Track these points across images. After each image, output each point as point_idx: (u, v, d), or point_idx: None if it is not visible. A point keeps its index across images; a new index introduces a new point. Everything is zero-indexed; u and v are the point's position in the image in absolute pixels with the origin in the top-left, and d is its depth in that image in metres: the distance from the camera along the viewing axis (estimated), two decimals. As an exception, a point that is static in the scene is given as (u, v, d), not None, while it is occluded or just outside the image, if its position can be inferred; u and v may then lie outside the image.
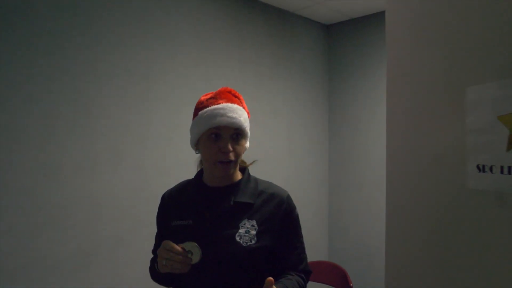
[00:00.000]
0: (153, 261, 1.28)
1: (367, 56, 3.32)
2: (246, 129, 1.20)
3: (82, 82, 2.10)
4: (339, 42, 3.54)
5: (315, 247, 3.46)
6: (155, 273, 1.27)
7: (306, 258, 1.31)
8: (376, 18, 3.22)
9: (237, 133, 1.18)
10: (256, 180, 1.28)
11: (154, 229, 1.37)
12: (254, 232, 1.16)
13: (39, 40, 1.94)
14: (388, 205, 1.17)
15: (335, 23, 3.52)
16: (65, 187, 2.04)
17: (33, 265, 1.91)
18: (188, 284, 1.20)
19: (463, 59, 0.90)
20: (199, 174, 1.32)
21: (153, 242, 1.38)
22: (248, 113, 1.26)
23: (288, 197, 1.27)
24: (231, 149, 1.16)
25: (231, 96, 1.23)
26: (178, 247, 1.08)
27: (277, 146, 3.10)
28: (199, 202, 1.23)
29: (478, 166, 0.84)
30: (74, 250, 2.06)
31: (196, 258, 1.10)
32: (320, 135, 3.55)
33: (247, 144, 1.26)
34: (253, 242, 1.15)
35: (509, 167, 0.77)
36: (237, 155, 1.19)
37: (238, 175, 1.27)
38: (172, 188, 1.37)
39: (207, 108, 1.19)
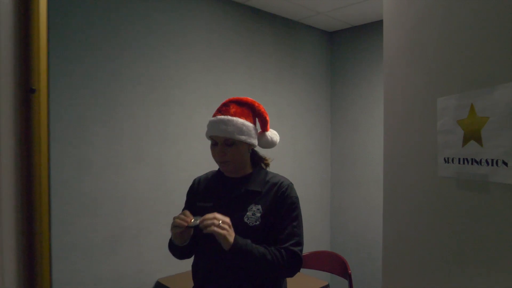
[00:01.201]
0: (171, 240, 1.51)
1: (367, 62, 3.51)
2: (235, 137, 1.40)
3: (110, 88, 2.34)
4: (341, 48, 3.71)
5: (318, 239, 3.66)
6: (171, 243, 1.50)
7: (297, 241, 1.41)
8: (375, 26, 3.40)
9: (227, 141, 1.42)
10: (266, 172, 1.53)
11: (171, 218, 1.57)
12: (259, 215, 1.40)
13: (72, 52, 2.19)
14: (385, 199, 1.42)
15: (337, 31, 3.72)
16: (95, 181, 2.28)
17: (69, 249, 2.16)
18: (203, 252, 1.46)
19: (437, 75, 1.14)
20: None
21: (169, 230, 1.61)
22: (251, 118, 1.48)
23: (289, 186, 1.48)
24: (222, 154, 1.42)
25: (235, 106, 1.47)
26: (188, 212, 1.34)
27: (282, 146, 3.30)
28: (219, 189, 1.48)
29: (444, 159, 1.09)
30: (104, 236, 2.30)
31: (195, 222, 1.32)
32: (323, 136, 3.74)
33: (272, 137, 1.52)
34: (257, 222, 1.39)
35: (465, 159, 1.01)
36: (232, 157, 1.42)
37: (251, 168, 1.52)
38: (201, 175, 1.62)
39: (210, 119, 1.47)
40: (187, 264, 2.59)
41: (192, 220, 1.32)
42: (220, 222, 1.28)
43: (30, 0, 0.47)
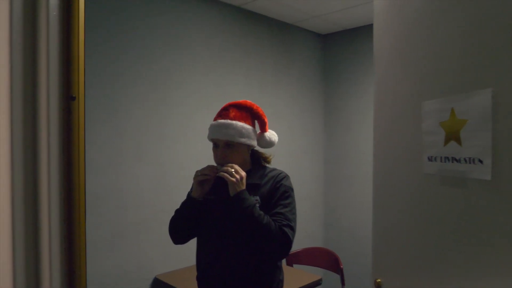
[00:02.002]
0: (178, 210, 1.61)
1: (359, 64, 3.60)
2: (236, 139, 1.50)
3: (110, 88, 2.40)
4: (334, 51, 3.80)
5: (312, 235, 3.75)
6: (175, 220, 1.59)
7: (288, 224, 1.46)
8: (367, 30, 3.47)
9: (228, 144, 1.52)
10: (264, 167, 1.63)
11: (171, 215, 1.65)
12: (257, 205, 1.49)
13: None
14: (374, 194, 1.52)
15: (330, 33, 3.82)
16: (98, 178, 2.35)
17: (72, 244, 2.23)
18: (206, 241, 1.55)
19: (422, 81, 1.24)
20: None
21: None
22: (250, 121, 1.58)
23: (285, 177, 1.58)
24: (223, 156, 1.52)
25: (234, 110, 1.56)
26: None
27: (278, 145, 3.36)
28: (221, 183, 1.58)
29: (428, 157, 1.19)
30: (105, 233, 2.37)
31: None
32: (317, 136, 3.83)
33: (270, 138, 1.64)
34: None
35: (446, 157, 1.11)
36: (232, 159, 1.51)
37: (250, 165, 1.62)
38: None
39: (211, 123, 1.57)
40: (184, 261, 2.69)
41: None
42: (233, 171, 1.42)
43: (71, 21, 0.55)
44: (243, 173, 1.45)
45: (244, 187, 1.44)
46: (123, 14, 2.45)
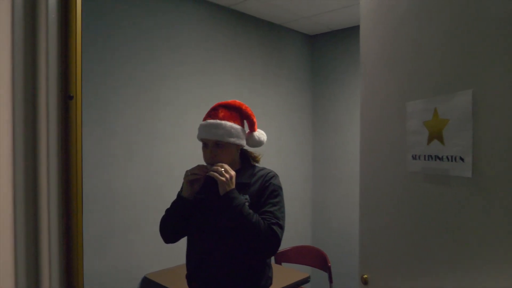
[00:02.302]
0: (168, 209, 1.62)
1: (346, 64, 3.66)
2: (225, 139, 1.53)
3: (100, 89, 2.41)
4: (322, 51, 3.86)
5: (301, 234, 3.80)
6: (166, 219, 1.61)
7: (277, 222, 1.50)
8: (354, 31, 3.53)
9: (217, 144, 1.55)
10: (253, 166, 1.66)
11: (161, 215, 1.66)
12: (247, 204, 1.52)
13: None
14: (361, 192, 1.56)
15: (318, 34, 3.88)
16: (87, 178, 2.35)
17: (61, 244, 2.23)
18: (196, 239, 1.58)
19: (406, 81, 1.28)
20: None
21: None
22: (239, 121, 1.60)
23: (273, 176, 1.61)
24: (212, 156, 1.54)
25: (223, 110, 1.59)
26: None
27: (267, 145, 3.39)
28: (211, 182, 1.60)
29: (413, 156, 1.23)
30: (95, 232, 2.37)
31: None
32: (305, 135, 3.88)
33: (259, 137, 1.65)
34: None
35: (429, 156, 1.15)
36: (222, 159, 1.54)
37: (239, 164, 1.64)
38: None
39: (201, 123, 1.60)
40: (173, 260, 2.70)
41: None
42: (223, 170, 1.45)
43: (69, 24, 0.57)
44: (233, 173, 1.48)
45: (233, 186, 1.47)
46: (114, 16, 2.46)
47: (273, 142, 3.52)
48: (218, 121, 1.55)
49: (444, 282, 1.11)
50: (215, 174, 1.45)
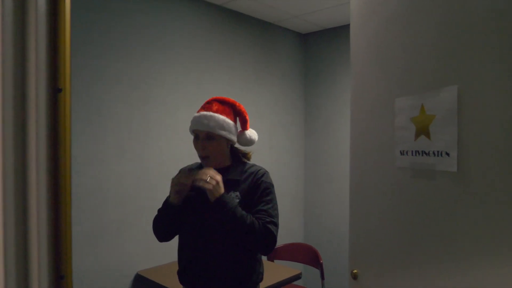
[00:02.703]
0: (160, 210, 1.63)
1: (339, 63, 3.68)
2: (216, 131, 1.54)
3: (92, 87, 2.40)
4: (314, 50, 3.87)
5: (293, 231, 3.82)
6: (158, 220, 1.62)
7: (272, 221, 1.51)
8: (345, 30, 3.56)
9: (208, 135, 1.55)
10: (244, 163, 1.67)
11: (153, 212, 1.67)
12: (237, 200, 1.53)
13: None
14: (351, 188, 1.58)
15: (311, 33, 3.89)
16: (79, 176, 2.34)
17: (52, 242, 2.22)
18: (187, 235, 1.58)
19: (395, 78, 1.30)
20: None
21: (151, 224, 1.71)
22: (232, 117, 1.61)
23: (265, 173, 1.62)
24: (203, 148, 1.55)
25: (217, 104, 1.60)
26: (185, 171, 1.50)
27: (259, 143, 3.40)
28: None
29: (401, 151, 1.25)
30: (87, 229, 2.37)
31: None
32: (297, 134, 3.89)
33: (251, 136, 1.66)
34: None
35: (417, 151, 1.17)
36: (212, 151, 1.55)
37: (230, 161, 1.65)
38: (186, 167, 1.74)
39: (194, 115, 1.60)
40: (165, 257, 2.70)
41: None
42: (208, 178, 1.43)
43: (58, 19, 0.57)
44: (219, 177, 1.46)
45: (222, 190, 1.46)
46: (105, 13, 2.45)
47: (265, 140, 3.53)
48: (211, 113, 1.56)
49: (432, 274, 1.13)
50: (201, 184, 1.44)
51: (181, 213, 1.57)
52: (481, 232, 0.97)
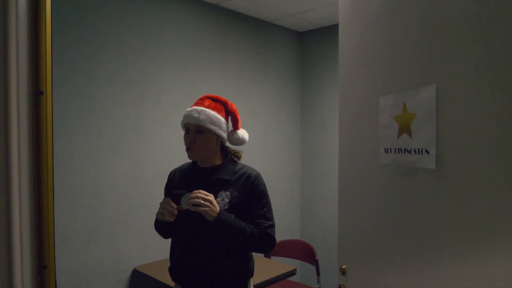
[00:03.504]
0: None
1: (335, 61, 3.69)
2: (206, 125, 1.56)
3: (87, 86, 2.43)
4: (311, 48, 3.89)
5: (289, 229, 3.85)
6: (157, 223, 1.68)
7: (270, 224, 1.60)
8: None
9: (198, 129, 1.58)
10: (235, 163, 1.69)
11: (148, 210, 1.70)
12: (227, 200, 1.56)
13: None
14: (340, 185, 1.61)
15: (307, 31, 3.91)
16: (74, 174, 2.38)
17: (49, 239, 2.26)
18: (180, 232, 1.62)
19: (379, 78, 1.33)
20: None
21: (147, 221, 1.76)
22: (223, 114, 1.64)
23: (257, 176, 1.65)
24: (191, 140, 1.58)
25: (209, 100, 1.64)
26: (172, 203, 1.51)
27: (254, 142, 3.44)
28: (192, 178, 1.64)
29: (385, 149, 1.28)
30: (83, 227, 2.41)
31: (184, 206, 1.52)
32: (293, 132, 3.91)
33: (242, 136, 1.68)
34: (226, 207, 1.56)
35: (399, 149, 1.20)
36: (199, 144, 1.58)
37: (220, 160, 1.68)
38: (177, 167, 1.77)
39: (186, 109, 1.63)
40: (162, 253, 2.74)
41: (176, 206, 1.52)
42: (201, 199, 1.46)
43: (39, 19, 0.60)
44: (211, 196, 1.50)
45: (218, 208, 1.49)
46: (99, 13, 2.48)
47: (260, 139, 3.56)
48: (202, 108, 1.59)
49: (415, 268, 1.16)
50: (196, 207, 1.47)
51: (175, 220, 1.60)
52: (458, 227, 1.00)
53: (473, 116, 0.95)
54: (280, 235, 3.61)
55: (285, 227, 3.78)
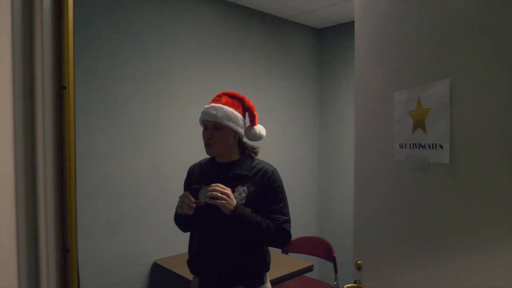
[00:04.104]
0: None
1: (352, 58, 3.68)
2: (223, 122, 1.60)
3: (108, 84, 2.50)
4: (329, 45, 3.88)
5: (307, 226, 3.86)
6: (176, 217, 1.73)
7: (286, 219, 1.62)
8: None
9: (216, 126, 1.61)
10: (252, 159, 1.72)
11: (166, 205, 1.74)
12: (244, 195, 1.59)
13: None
14: (355, 181, 1.61)
15: (325, 28, 3.90)
16: (96, 169, 2.46)
17: (72, 232, 2.34)
18: (198, 226, 1.66)
19: (394, 73, 1.33)
20: None
21: (166, 215, 1.81)
22: (240, 110, 1.66)
23: (274, 172, 1.67)
24: (209, 136, 1.61)
25: (226, 97, 1.67)
26: (191, 197, 1.55)
27: (272, 139, 3.45)
28: (211, 173, 1.67)
29: (399, 144, 1.28)
30: (105, 220, 2.48)
31: (201, 198, 1.56)
32: (311, 128, 3.91)
33: (259, 131, 1.70)
34: (243, 201, 1.59)
35: (414, 144, 1.20)
36: (217, 140, 1.61)
37: (238, 155, 1.71)
38: (196, 163, 1.81)
39: (204, 107, 1.66)
40: (181, 247, 2.80)
41: (195, 200, 1.56)
42: (219, 193, 1.49)
43: (62, 19, 0.64)
44: (228, 190, 1.53)
45: (235, 202, 1.53)
46: (119, 12, 2.54)
47: (278, 135, 3.57)
48: (220, 104, 1.62)
49: (429, 263, 1.16)
50: (214, 200, 1.50)
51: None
52: (472, 222, 1.00)
53: (487, 110, 0.95)
54: (298, 231, 3.62)
55: (302, 224, 3.79)
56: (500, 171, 0.92)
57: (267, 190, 1.63)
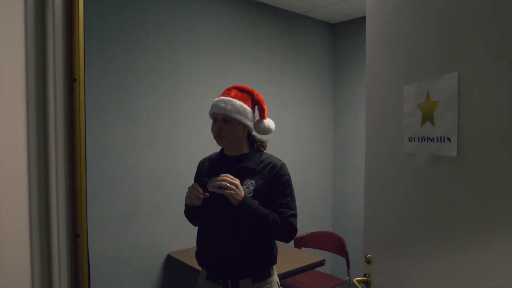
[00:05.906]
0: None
1: (368, 52, 3.66)
2: (232, 115, 1.61)
3: (125, 79, 2.56)
4: (343, 40, 3.86)
5: (321, 221, 3.85)
6: (186, 209, 1.76)
7: (292, 213, 1.63)
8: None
9: (225, 118, 1.63)
10: (261, 153, 1.73)
11: (180, 198, 1.77)
12: (252, 188, 1.61)
13: (91, 47, 2.41)
14: (366, 174, 1.61)
15: (340, 22, 3.87)
16: (112, 162, 2.52)
17: (89, 223, 2.40)
18: (206, 218, 1.69)
19: (403, 66, 1.32)
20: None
21: (180, 209, 1.84)
22: (250, 104, 1.68)
23: (282, 166, 1.68)
24: (217, 129, 1.63)
25: (236, 91, 1.68)
26: (199, 188, 1.58)
27: (286, 134, 3.48)
28: (220, 166, 1.70)
29: (409, 138, 1.27)
30: (120, 212, 2.54)
31: (210, 188, 1.57)
32: (326, 124, 3.91)
33: (268, 125, 1.72)
34: (250, 194, 1.60)
35: (422, 137, 1.20)
36: (227, 133, 1.63)
37: (247, 149, 1.73)
38: (206, 157, 1.84)
39: (213, 100, 1.68)
40: (194, 240, 2.83)
41: (203, 192, 1.59)
42: (228, 183, 1.51)
43: (72, 15, 0.67)
44: (237, 180, 1.55)
45: (243, 193, 1.54)
46: (135, 10, 2.59)
47: (291, 131, 3.57)
48: (229, 98, 1.64)
49: (437, 256, 1.16)
50: (222, 190, 1.52)
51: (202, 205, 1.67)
52: (480, 215, 0.99)
53: (495, 103, 0.94)
54: (311, 226, 3.63)
55: (316, 219, 3.79)
56: (508, 165, 0.91)
57: (275, 184, 1.64)
